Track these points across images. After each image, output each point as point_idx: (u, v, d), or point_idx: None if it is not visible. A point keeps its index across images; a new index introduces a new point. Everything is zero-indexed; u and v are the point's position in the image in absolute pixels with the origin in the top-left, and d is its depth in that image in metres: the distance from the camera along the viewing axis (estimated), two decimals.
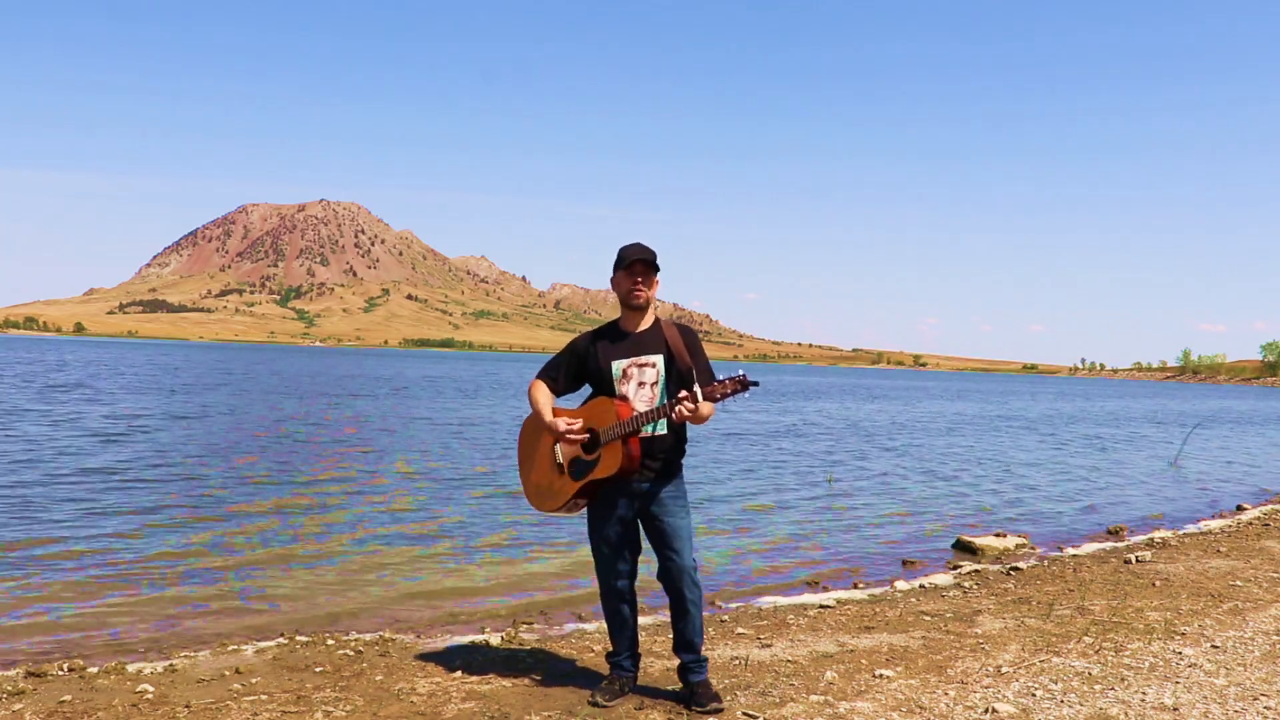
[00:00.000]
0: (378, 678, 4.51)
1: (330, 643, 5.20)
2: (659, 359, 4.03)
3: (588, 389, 4.20)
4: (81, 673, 4.61)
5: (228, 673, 4.58)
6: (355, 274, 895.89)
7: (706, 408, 3.80)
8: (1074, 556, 8.36)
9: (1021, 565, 7.82)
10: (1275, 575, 7.35)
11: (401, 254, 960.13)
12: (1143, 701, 4.25)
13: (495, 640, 5.30)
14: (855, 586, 7.18)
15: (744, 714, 4.01)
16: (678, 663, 4.18)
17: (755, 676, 4.55)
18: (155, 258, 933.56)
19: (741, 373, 3.77)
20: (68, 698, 4.17)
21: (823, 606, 6.28)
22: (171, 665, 4.73)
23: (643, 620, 5.28)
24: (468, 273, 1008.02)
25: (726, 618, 5.97)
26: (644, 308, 4.08)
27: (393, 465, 13.92)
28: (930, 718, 4.03)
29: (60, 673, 4.63)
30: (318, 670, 4.64)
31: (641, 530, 4.15)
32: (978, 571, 7.63)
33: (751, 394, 3.75)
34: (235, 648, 5.13)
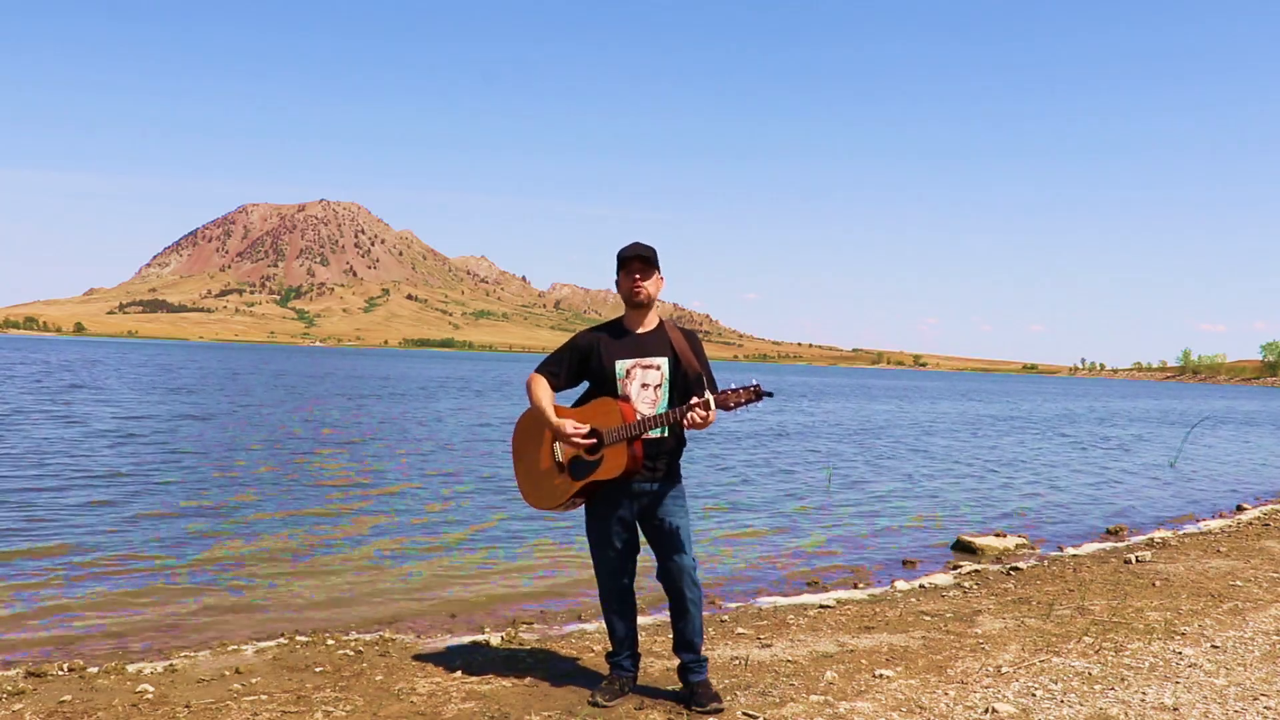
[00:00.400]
0: (378, 678, 4.51)
1: (330, 643, 5.20)
2: (664, 361, 4.02)
3: (584, 385, 4.20)
4: (81, 673, 4.61)
5: (228, 673, 4.58)
6: (355, 274, 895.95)
7: (714, 414, 3.79)
8: (1074, 556, 8.36)
9: (1021, 565, 7.82)
10: (1275, 575, 7.35)
11: (401, 254, 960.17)
12: (1143, 701, 4.25)
13: (495, 640, 5.30)
14: (855, 586, 7.19)
15: (744, 714, 4.01)
16: (678, 663, 4.18)
17: (755, 676, 4.55)
18: (155, 258, 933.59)
19: (756, 382, 3.75)
20: (68, 698, 4.17)
21: (823, 606, 6.28)
22: (171, 665, 4.73)
23: (643, 620, 5.28)
24: (468, 273, 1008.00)
25: (726, 618, 5.97)
26: (645, 305, 4.07)
27: (392, 465, 13.92)
28: (930, 718, 4.03)
29: (60, 673, 4.62)
30: (318, 670, 4.64)
31: (641, 531, 4.15)
32: (978, 571, 7.64)
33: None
34: (235, 648, 5.13)
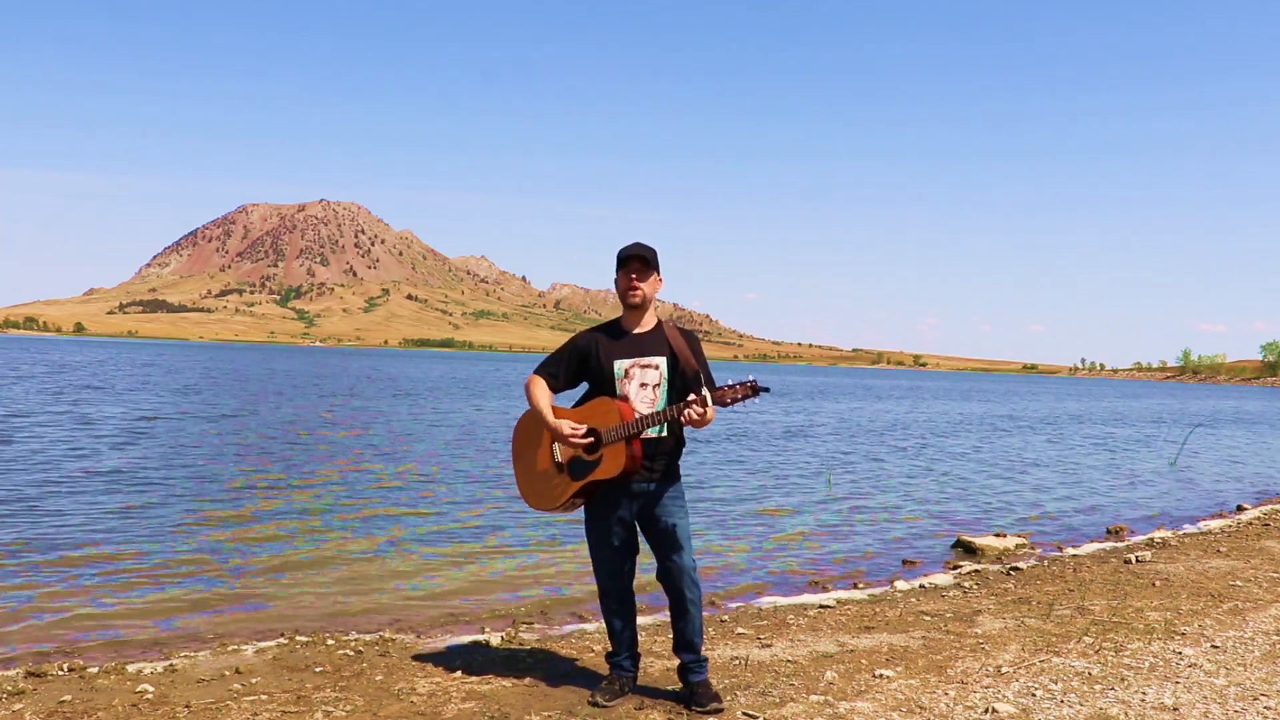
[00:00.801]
0: (378, 678, 4.51)
1: (330, 643, 5.20)
2: (662, 361, 4.02)
3: (584, 386, 4.20)
4: (81, 673, 4.61)
5: (228, 673, 4.58)
6: (355, 274, 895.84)
7: (711, 412, 3.80)
8: (1074, 556, 8.36)
9: (1021, 565, 7.82)
10: (1275, 575, 7.35)
11: (401, 254, 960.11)
12: (1143, 701, 4.25)
13: (495, 640, 5.30)
14: (855, 586, 7.18)
15: (744, 714, 4.00)
16: (678, 663, 4.17)
17: (755, 676, 4.55)
18: (155, 258, 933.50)
19: (751, 378, 3.76)
20: (68, 698, 4.17)
21: (823, 606, 6.28)
22: (171, 665, 4.73)
23: (643, 620, 5.28)
24: (468, 273, 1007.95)
25: (726, 618, 5.97)
26: (641, 305, 4.06)
27: (392, 465, 13.91)
28: (930, 718, 4.02)
29: (60, 673, 4.62)
30: (318, 670, 4.64)
31: (640, 531, 4.15)
32: (978, 571, 7.63)
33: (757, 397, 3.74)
34: (235, 648, 5.13)
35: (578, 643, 5.27)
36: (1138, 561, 7.84)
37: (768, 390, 3.75)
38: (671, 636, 4.21)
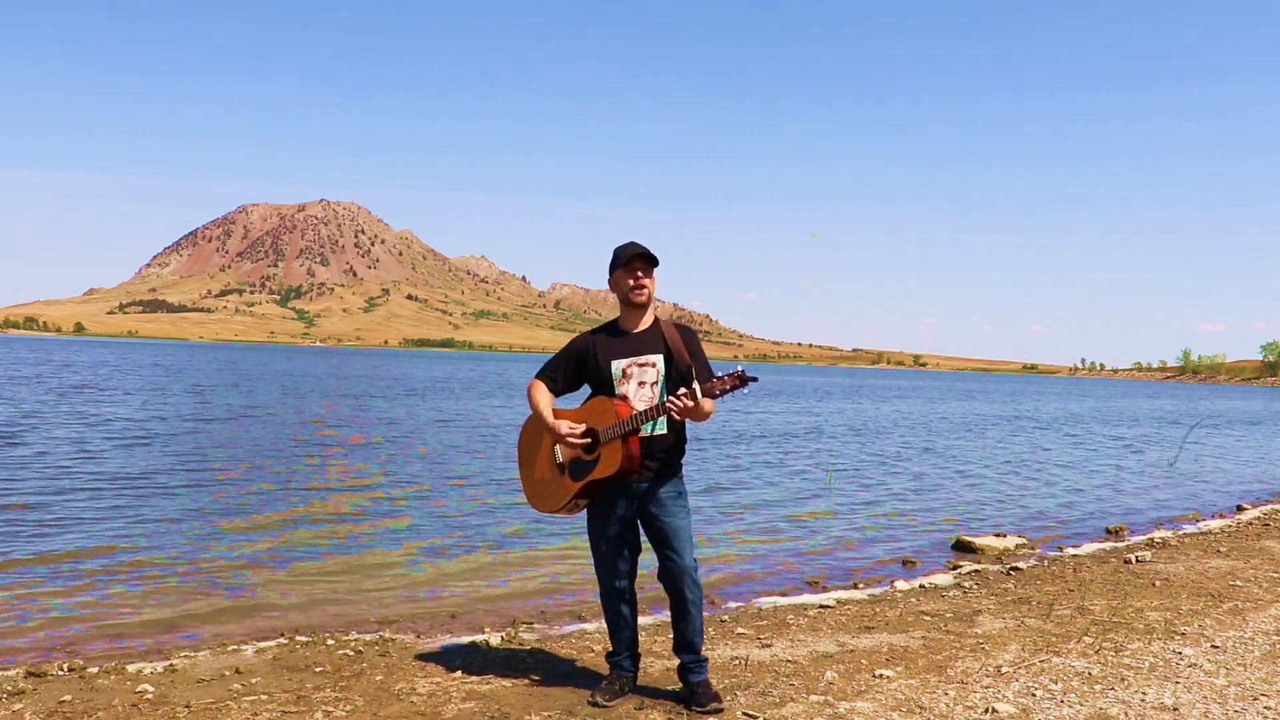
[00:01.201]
0: (378, 678, 4.51)
1: (330, 643, 5.20)
2: (659, 359, 4.03)
3: (587, 389, 4.20)
4: (81, 673, 4.61)
5: (228, 673, 4.58)
6: (355, 274, 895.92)
7: (707, 404, 3.80)
8: (1074, 556, 8.36)
9: (1021, 565, 7.82)
10: (1275, 575, 7.35)
11: (401, 254, 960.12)
12: (1143, 701, 4.25)
13: (495, 640, 5.30)
14: (855, 586, 7.19)
15: (744, 714, 4.01)
16: (678, 663, 4.18)
17: (755, 676, 4.55)
18: (155, 258, 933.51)
19: (740, 368, 3.79)
20: (68, 698, 4.18)
21: (823, 606, 6.28)
22: (171, 665, 4.73)
23: (643, 620, 5.28)
24: (468, 273, 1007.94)
25: (726, 618, 5.97)
26: (646, 305, 4.07)
27: (392, 466, 13.91)
28: (930, 718, 4.03)
29: (60, 673, 4.63)
30: (318, 670, 4.64)
31: (641, 530, 4.15)
32: (978, 571, 7.64)
33: (754, 393, 3.77)
34: (235, 648, 5.13)
35: (578, 643, 5.27)
36: (1138, 561, 7.84)
37: (755, 380, 3.79)
38: (671, 636, 4.22)
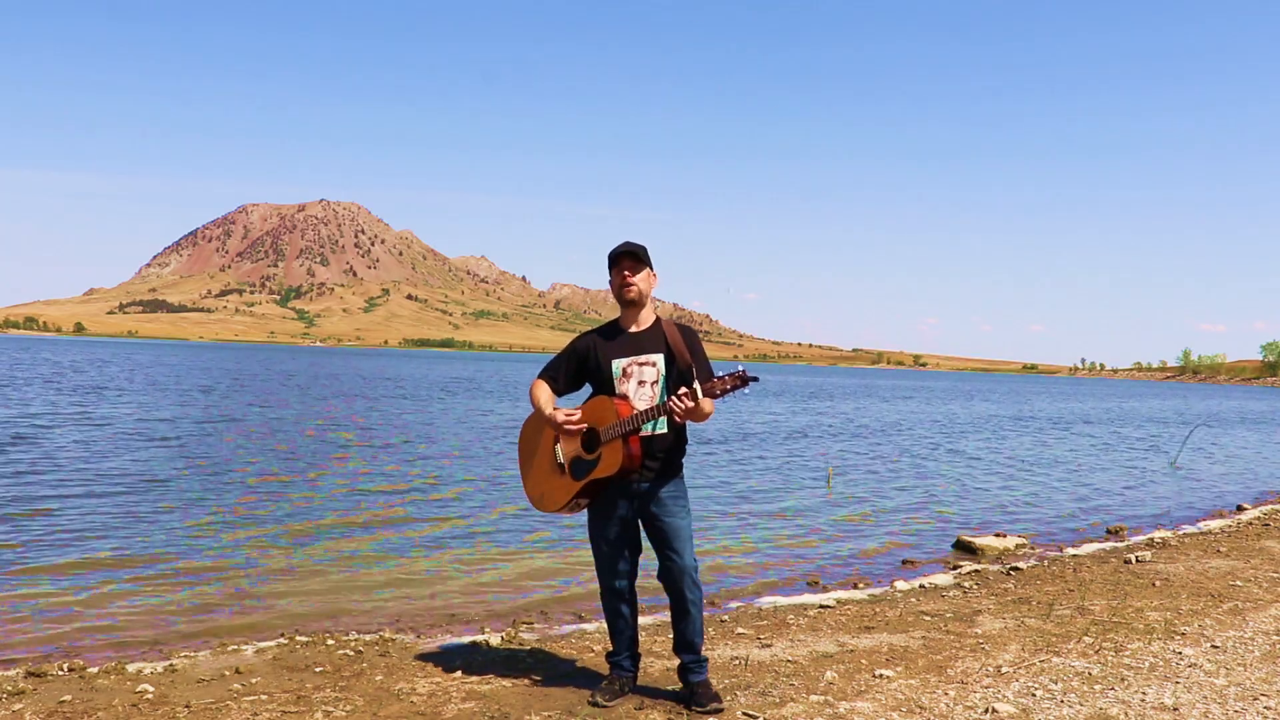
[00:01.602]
0: (378, 678, 4.51)
1: (330, 643, 5.20)
2: (659, 358, 4.03)
3: (588, 388, 4.20)
4: (81, 673, 4.61)
5: (228, 673, 4.58)
6: (355, 274, 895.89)
7: (707, 404, 3.80)
8: (1074, 556, 8.35)
9: (1021, 565, 7.82)
10: (1275, 575, 7.35)
11: (401, 254, 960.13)
12: (1143, 701, 4.25)
13: (495, 640, 5.30)
14: (855, 586, 7.18)
15: (744, 714, 4.01)
16: (678, 663, 4.18)
17: (755, 676, 4.55)
18: (155, 258, 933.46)
19: (741, 368, 3.79)
20: (68, 698, 4.18)
21: (823, 606, 6.28)
22: (171, 665, 4.73)
23: (643, 620, 5.28)
24: (468, 273, 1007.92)
25: (726, 618, 5.97)
26: (638, 302, 4.07)
27: (393, 466, 13.92)
28: (930, 718, 4.02)
29: (60, 673, 4.63)
30: (318, 670, 4.64)
31: (642, 530, 4.15)
32: (978, 571, 7.63)
33: (755, 393, 3.77)
34: (235, 648, 5.13)
35: (578, 643, 5.27)
36: (1138, 561, 7.84)
37: (756, 380, 3.79)
38: (672, 636, 4.22)
